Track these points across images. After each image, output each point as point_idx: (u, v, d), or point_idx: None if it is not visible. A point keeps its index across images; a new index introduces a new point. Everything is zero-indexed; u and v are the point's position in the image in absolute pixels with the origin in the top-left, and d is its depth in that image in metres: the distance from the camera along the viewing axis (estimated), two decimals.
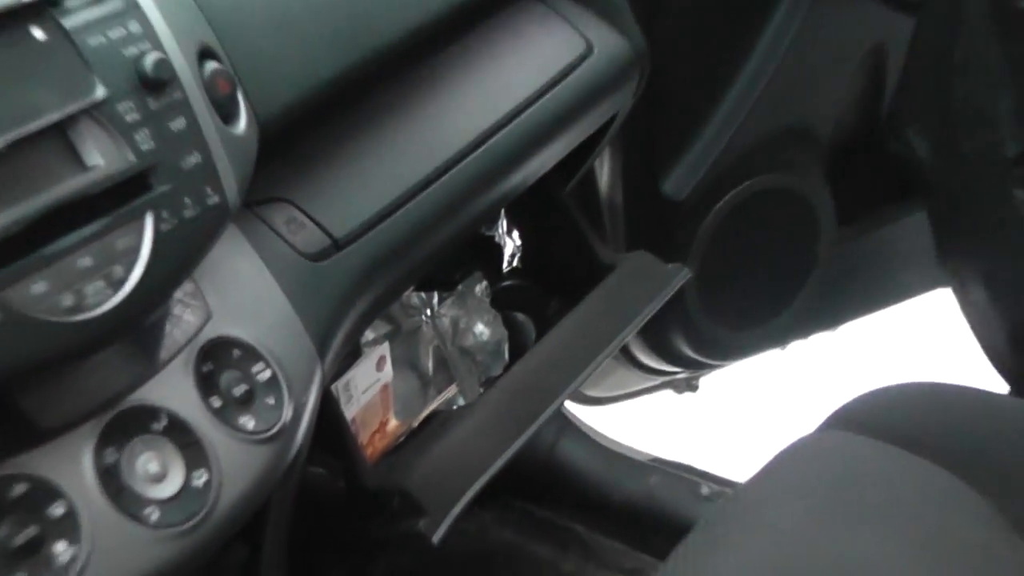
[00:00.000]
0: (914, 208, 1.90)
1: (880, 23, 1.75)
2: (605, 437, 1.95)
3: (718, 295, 1.77)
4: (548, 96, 1.33)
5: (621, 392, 1.92)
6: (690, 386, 1.93)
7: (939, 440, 1.28)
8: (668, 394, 1.96)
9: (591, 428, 1.95)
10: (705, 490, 1.82)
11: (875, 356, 2.23)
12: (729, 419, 2.11)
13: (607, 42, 1.43)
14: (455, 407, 1.50)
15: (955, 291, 1.75)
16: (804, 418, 1.37)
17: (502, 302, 1.56)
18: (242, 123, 1.00)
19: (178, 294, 0.97)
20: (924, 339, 1.81)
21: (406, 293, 1.42)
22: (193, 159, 0.92)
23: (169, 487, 0.92)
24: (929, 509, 1.23)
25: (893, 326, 2.09)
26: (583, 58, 1.39)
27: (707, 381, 1.94)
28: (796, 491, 1.27)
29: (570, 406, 1.91)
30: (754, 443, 1.85)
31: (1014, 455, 1.29)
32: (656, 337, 1.77)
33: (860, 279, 1.98)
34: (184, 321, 0.98)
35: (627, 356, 1.81)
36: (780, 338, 1.99)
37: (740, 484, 1.33)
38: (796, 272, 1.88)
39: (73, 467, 0.88)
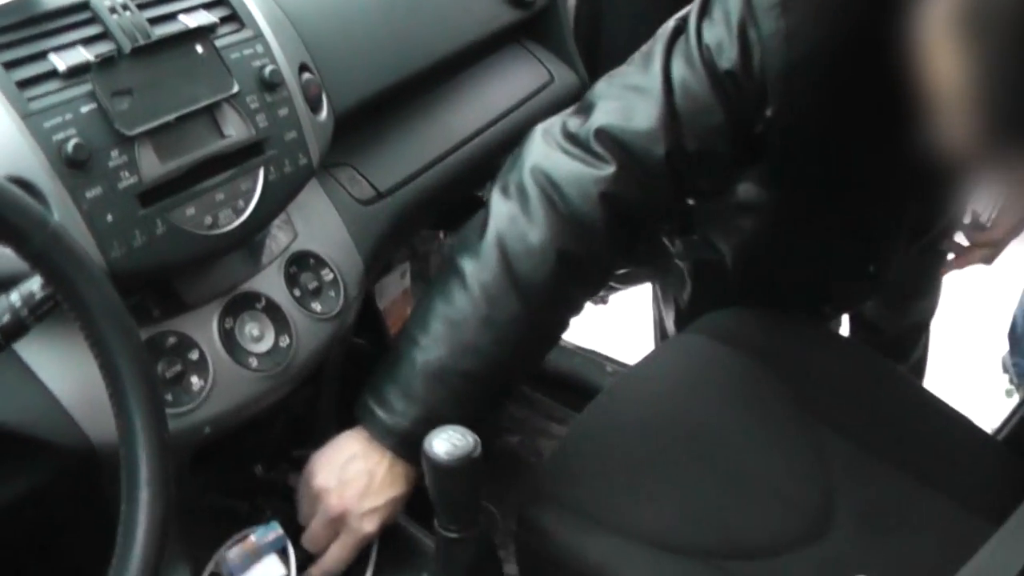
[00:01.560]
0: None
1: None
2: None
3: None
4: (522, 108, 1.32)
5: None
6: (603, 301, 1.92)
7: (753, 342, 1.29)
8: (588, 305, 1.96)
9: None
10: (609, 368, 1.82)
11: None
12: (627, 323, 2.11)
13: (563, 74, 1.42)
14: None
15: None
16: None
17: None
18: (324, 113, 1.01)
19: (276, 221, 0.98)
20: None
21: (423, 230, 1.42)
22: (292, 135, 0.94)
23: (264, 345, 0.94)
24: (745, 385, 1.25)
25: None
26: (547, 84, 1.38)
27: (614, 299, 1.95)
28: (666, 372, 1.30)
29: None
30: (642, 340, 1.87)
31: (794, 349, 1.32)
32: None
33: None
34: (279, 238, 1.00)
35: None
36: (658, 273, 1.99)
37: (631, 366, 1.34)
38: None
39: (205, 328, 0.90)
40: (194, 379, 0.87)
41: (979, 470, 1.21)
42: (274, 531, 0.97)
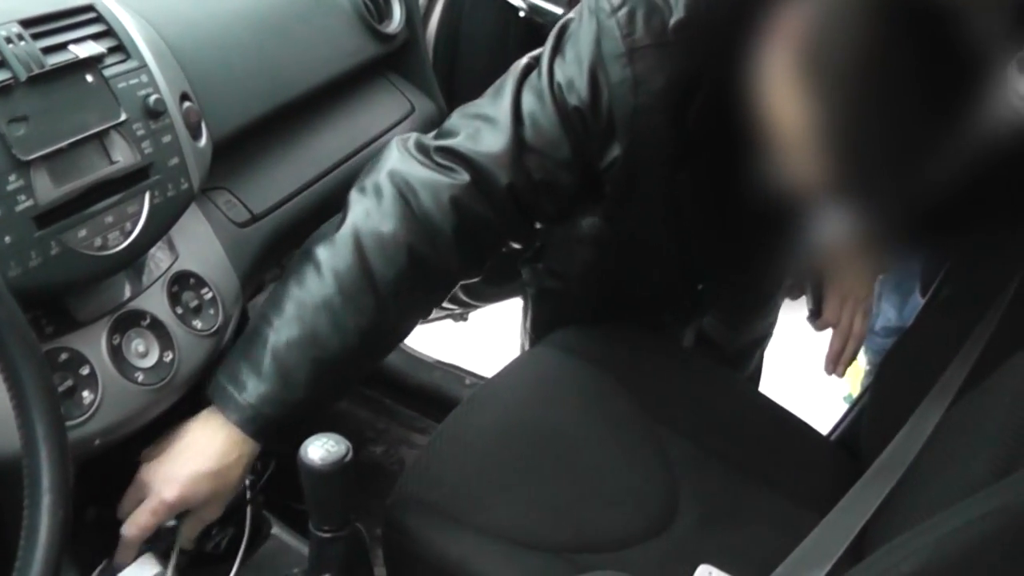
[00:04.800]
0: None
1: None
2: (410, 347, 1.94)
3: None
4: (386, 136, 1.36)
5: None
6: (463, 318, 1.95)
7: (599, 353, 1.36)
8: (449, 323, 1.98)
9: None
10: (468, 381, 1.86)
11: None
12: (484, 339, 2.14)
13: (423, 105, 1.47)
14: None
15: None
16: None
17: None
18: (203, 140, 1.04)
19: (160, 243, 1.00)
20: None
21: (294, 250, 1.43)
22: (174, 160, 0.97)
23: (150, 360, 0.96)
24: (592, 392, 1.31)
25: None
26: (408, 114, 1.43)
27: (473, 316, 1.98)
28: (520, 383, 1.35)
29: None
30: (498, 354, 1.91)
31: (636, 359, 1.38)
32: None
33: None
34: (162, 260, 1.02)
35: None
36: (514, 292, 2.05)
37: (488, 378, 1.38)
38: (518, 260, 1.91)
39: (95, 345, 0.92)
40: (85, 393, 0.89)
41: (812, 468, 1.29)
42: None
